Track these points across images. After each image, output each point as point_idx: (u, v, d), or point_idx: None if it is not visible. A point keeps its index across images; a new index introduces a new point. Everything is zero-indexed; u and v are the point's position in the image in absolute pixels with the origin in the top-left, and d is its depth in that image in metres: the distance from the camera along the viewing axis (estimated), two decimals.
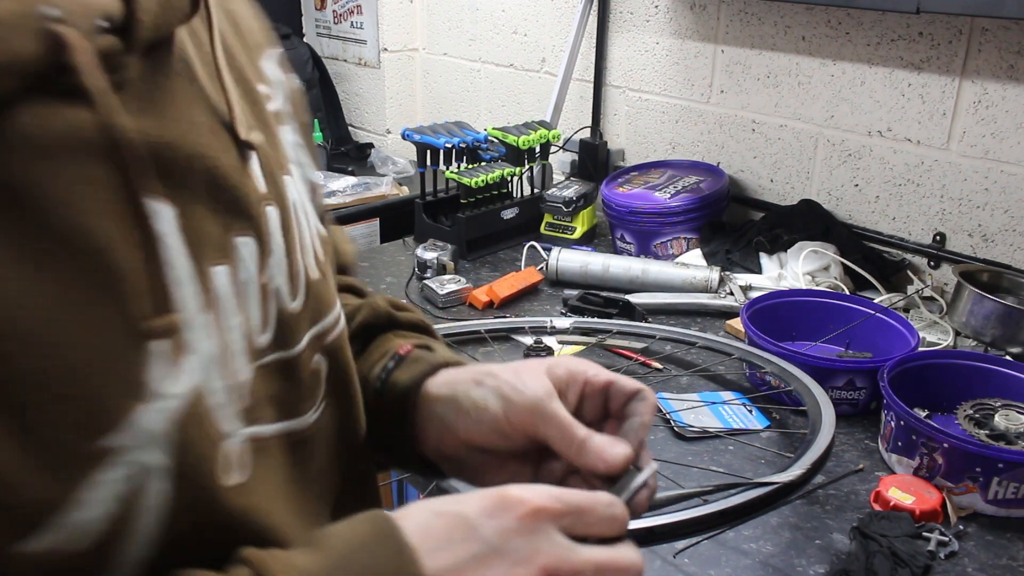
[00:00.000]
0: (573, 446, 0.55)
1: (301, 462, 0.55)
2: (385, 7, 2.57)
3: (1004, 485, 1.05)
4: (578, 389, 0.59)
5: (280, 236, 0.52)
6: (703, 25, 1.90)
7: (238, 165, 0.50)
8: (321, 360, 0.56)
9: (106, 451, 0.40)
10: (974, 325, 1.37)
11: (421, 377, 0.63)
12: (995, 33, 1.47)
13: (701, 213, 1.80)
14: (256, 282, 0.50)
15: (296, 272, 0.53)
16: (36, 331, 0.38)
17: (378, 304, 0.71)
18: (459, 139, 1.92)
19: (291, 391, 0.53)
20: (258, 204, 0.51)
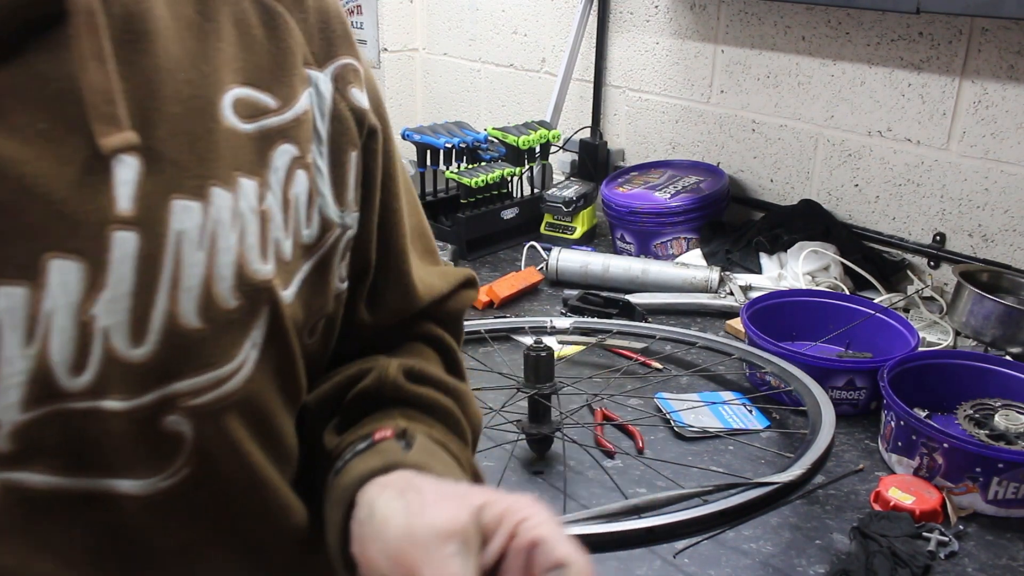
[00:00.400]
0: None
1: (130, 527, 0.49)
2: (385, 7, 2.57)
3: (1004, 485, 1.05)
4: (503, 542, 0.47)
5: (131, 269, 0.45)
6: (703, 25, 1.90)
7: (78, 179, 0.44)
8: (181, 422, 0.48)
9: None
10: (974, 325, 1.37)
11: (370, 474, 0.53)
12: (995, 33, 1.48)
13: (701, 213, 1.80)
14: (73, 315, 0.43)
15: (147, 315, 0.46)
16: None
17: (387, 372, 0.61)
18: (459, 139, 1.92)
19: (113, 447, 0.46)
20: (101, 226, 0.44)
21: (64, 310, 0.43)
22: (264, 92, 0.52)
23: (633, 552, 0.98)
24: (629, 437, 1.24)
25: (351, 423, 0.61)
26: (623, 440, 1.23)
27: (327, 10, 0.57)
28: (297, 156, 0.53)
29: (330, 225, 0.56)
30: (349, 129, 0.57)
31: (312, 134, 0.55)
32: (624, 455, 1.18)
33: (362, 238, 0.60)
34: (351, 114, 0.57)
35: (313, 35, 0.56)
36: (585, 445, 1.17)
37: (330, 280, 0.58)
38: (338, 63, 0.57)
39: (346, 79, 0.57)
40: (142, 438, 0.47)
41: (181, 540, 0.52)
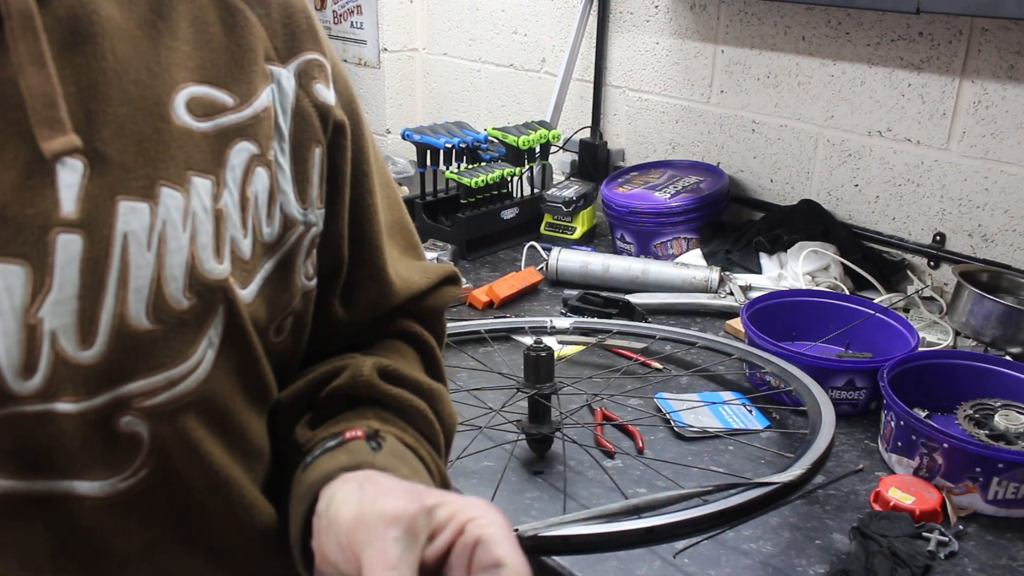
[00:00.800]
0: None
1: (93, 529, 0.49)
2: (385, 7, 2.57)
3: (1004, 485, 1.05)
4: (449, 537, 0.47)
5: (76, 271, 0.45)
6: (703, 25, 1.90)
7: (20, 182, 0.43)
8: (136, 423, 0.48)
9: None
10: (974, 325, 1.37)
11: (337, 471, 0.53)
12: (995, 33, 1.47)
13: (701, 213, 1.80)
14: (18, 318, 0.43)
15: (94, 317, 0.46)
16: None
17: (362, 371, 0.61)
18: (459, 139, 1.92)
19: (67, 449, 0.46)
20: (44, 229, 0.44)
21: (9, 314, 0.43)
22: (221, 90, 0.52)
23: (633, 552, 0.98)
24: (629, 437, 1.24)
25: (324, 420, 0.61)
26: (623, 440, 1.23)
27: (291, 5, 0.57)
28: (256, 154, 0.53)
29: (292, 223, 0.56)
30: (312, 125, 0.56)
31: (273, 131, 0.54)
32: (624, 455, 1.18)
33: (332, 235, 0.60)
34: (315, 110, 0.57)
35: (276, 31, 0.56)
36: (585, 445, 1.17)
37: (294, 278, 0.58)
38: (302, 59, 0.56)
39: (310, 75, 0.56)
40: (97, 439, 0.47)
41: (143, 541, 0.51)
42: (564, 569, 0.96)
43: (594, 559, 0.98)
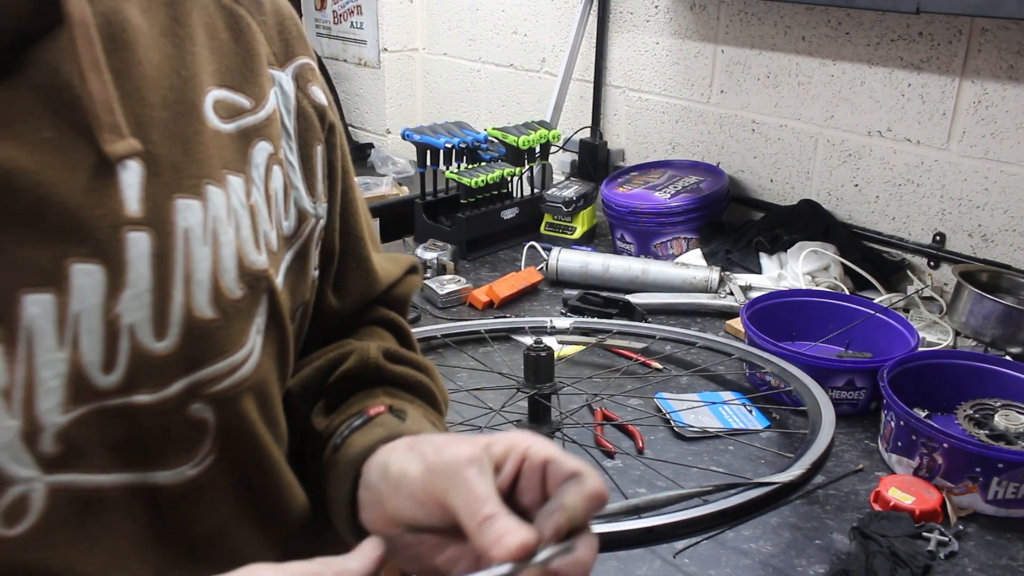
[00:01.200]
0: (476, 520, 0.45)
1: (173, 519, 0.51)
2: (385, 7, 2.57)
3: (1004, 485, 1.05)
4: (515, 464, 0.49)
5: (147, 267, 0.47)
6: (703, 25, 1.90)
7: (89, 184, 0.45)
8: (204, 410, 0.51)
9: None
10: (974, 325, 1.37)
11: (376, 443, 0.55)
12: (995, 33, 1.48)
13: (701, 213, 1.80)
14: (99, 315, 0.45)
15: (167, 309, 0.48)
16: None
17: (368, 353, 0.64)
18: (459, 139, 1.92)
19: (149, 440, 0.48)
20: (115, 228, 0.46)
21: (90, 312, 0.45)
22: (238, 93, 0.55)
23: (633, 552, 0.98)
24: (629, 437, 1.24)
25: (337, 404, 0.64)
26: (623, 440, 1.23)
27: (282, 12, 0.61)
28: (272, 153, 0.56)
29: (305, 216, 0.60)
30: (313, 125, 0.60)
31: (281, 131, 0.57)
32: (624, 455, 1.18)
33: (328, 227, 0.64)
34: (314, 110, 0.60)
35: (273, 37, 0.59)
36: (585, 445, 1.17)
37: (309, 268, 0.61)
38: (297, 63, 0.60)
39: (306, 77, 0.60)
40: (172, 429, 0.49)
41: (211, 526, 0.54)
42: None
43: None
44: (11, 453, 0.43)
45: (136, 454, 0.48)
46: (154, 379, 0.48)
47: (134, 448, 0.48)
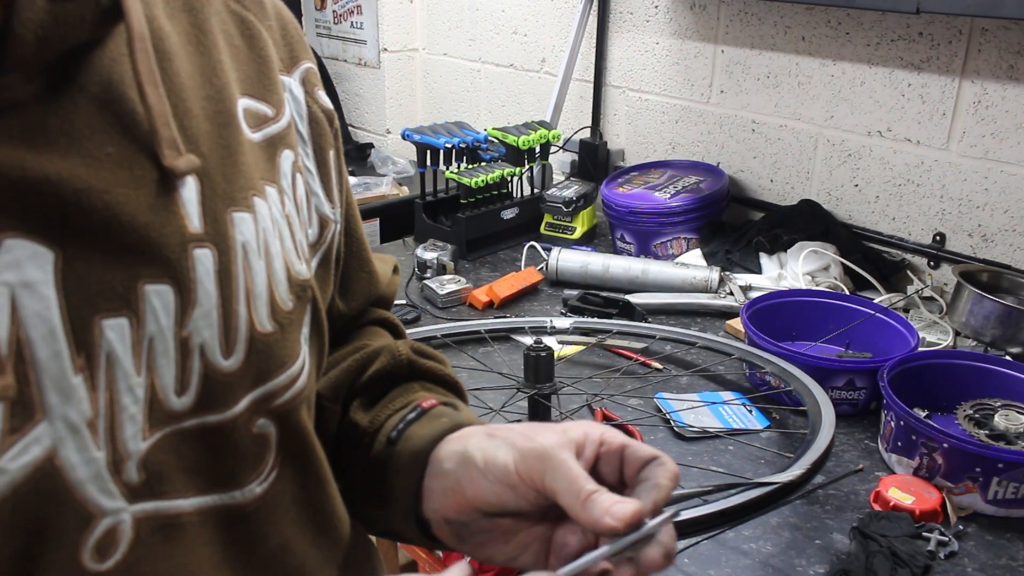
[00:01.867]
0: (580, 498, 0.48)
1: (244, 538, 0.50)
2: (385, 7, 2.57)
3: (1004, 485, 1.05)
4: (594, 449, 0.52)
5: (213, 284, 0.46)
6: (703, 25, 1.90)
7: (153, 202, 0.44)
8: (268, 424, 0.50)
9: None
10: (974, 325, 1.37)
11: (442, 433, 0.57)
12: (995, 33, 1.48)
13: (701, 213, 1.80)
14: (171, 337, 0.44)
15: (234, 326, 0.47)
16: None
17: (399, 351, 0.65)
18: (459, 139, 1.92)
19: (222, 460, 0.48)
20: (182, 247, 0.45)
21: (163, 333, 0.44)
22: (261, 101, 0.54)
23: None
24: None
25: (375, 401, 0.65)
26: None
27: (283, 15, 0.60)
28: (294, 160, 0.55)
29: (327, 222, 0.59)
30: (325, 130, 0.59)
31: (297, 138, 0.56)
32: None
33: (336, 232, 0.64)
34: (324, 115, 0.60)
35: (278, 41, 0.58)
36: None
37: (331, 274, 0.61)
38: (302, 67, 0.59)
39: (312, 82, 0.59)
40: (240, 447, 0.49)
41: (277, 544, 0.53)
42: None
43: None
44: (99, 485, 0.42)
45: (210, 475, 0.47)
46: (224, 398, 0.47)
47: (208, 469, 0.47)
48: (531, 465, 0.50)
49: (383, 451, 0.59)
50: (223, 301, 0.46)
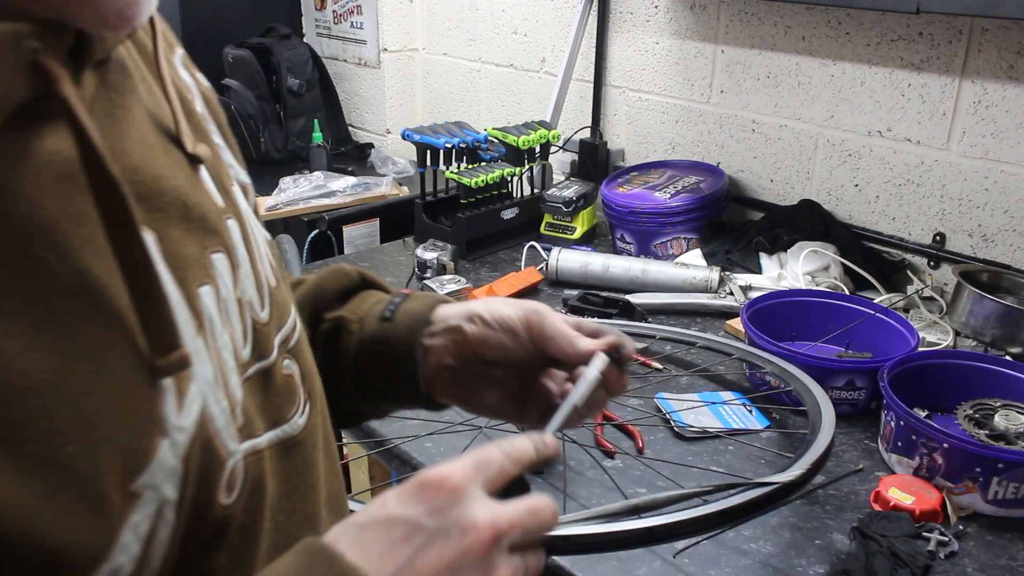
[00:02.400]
0: (569, 339, 0.66)
1: (298, 468, 0.54)
2: (385, 7, 2.57)
3: (1004, 485, 1.05)
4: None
5: (243, 248, 0.51)
6: (703, 25, 1.90)
7: (193, 183, 0.48)
8: (291, 364, 0.56)
9: (138, 492, 0.40)
10: (974, 325, 1.37)
11: (436, 302, 0.69)
12: (995, 33, 1.47)
13: (701, 213, 1.80)
14: (233, 297, 0.49)
15: (261, 282, 0.53)
16: (50, 384, 0.36)
17: (347, 270, 0.75)
18: (459, 139, 1.92)
19: (273, 399, 0.52)
20: (220, 218, 0.50)
21: (229, 295, 0.49)
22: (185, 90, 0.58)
23: (633, 552, 0.98)
24: (629, 437, 1.24)
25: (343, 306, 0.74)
26: (623, 440, 1.23)
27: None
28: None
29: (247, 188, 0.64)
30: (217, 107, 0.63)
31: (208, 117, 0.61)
32: (624, 455, 1.18)
33: None
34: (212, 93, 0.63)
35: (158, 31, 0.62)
36: (585, 445, 1.17)
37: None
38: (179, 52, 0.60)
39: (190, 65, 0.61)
40: (280, 385, 0.54)
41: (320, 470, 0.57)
42: (564, 569, 0.97)
43: (594, 559, 0.98)
44: (228, 431, 0.46)
45: (268, 414, 0.52)
46: (266, 345, 0.52)
47: (266, 409, 0.51)
48: (530, 318, 0.66)
49: (376, 329, 0.69)
50: (252, 262, 0.52)
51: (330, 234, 2.15)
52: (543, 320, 0.66)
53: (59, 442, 0.36)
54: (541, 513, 0.51)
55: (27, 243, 0.37)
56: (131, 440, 0.39)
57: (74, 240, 0.38)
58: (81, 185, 0.39)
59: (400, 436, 1.21)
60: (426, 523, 0.47)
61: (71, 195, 0.39)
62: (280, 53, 2.57)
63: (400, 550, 0.46)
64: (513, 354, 0.67)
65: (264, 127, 2.57)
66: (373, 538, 0.46)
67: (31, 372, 0.36)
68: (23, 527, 0.35)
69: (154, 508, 0.40)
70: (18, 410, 0.35)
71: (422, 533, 0.46)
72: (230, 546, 0.46)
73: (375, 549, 0.46)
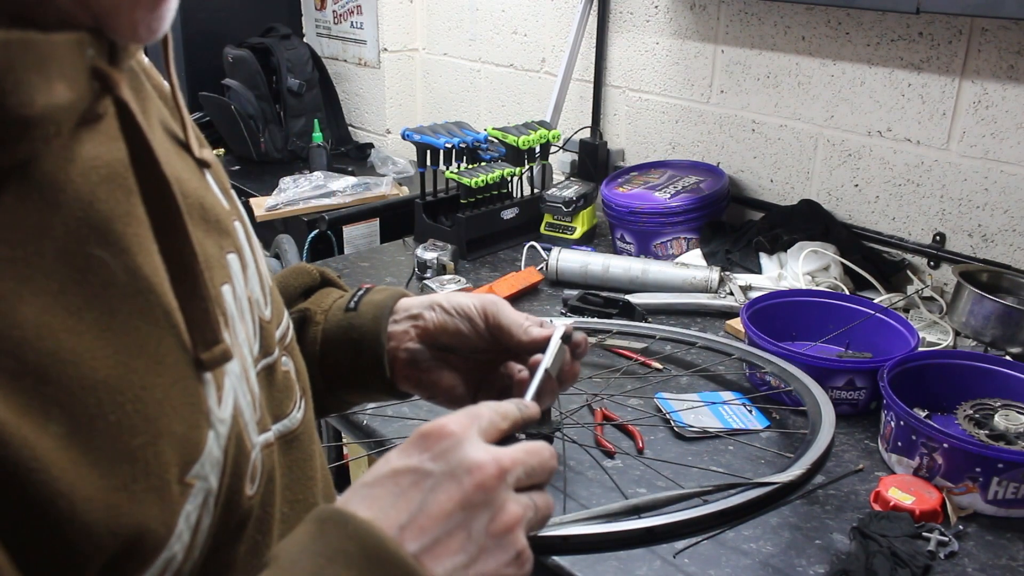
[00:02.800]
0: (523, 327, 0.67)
1: (298, 461, 0.56)
2: (385, 7, 2.57)
3: (1004, 485, 1.05)
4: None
5: (248, 248, 0.53)
6: (703, 25, 1.90)
7: (204, 185, 0.50)
8: (288, 361, 0.57)
9: (191, 482, 0.41)
10: (974, 325, 1.37)
11: (398, 294, 0.72)
12: (995, 33, 1.47)
13: (701, 213, 1.80)
14: (245, 296, 0.51)
15: (264, 281, 0.55)
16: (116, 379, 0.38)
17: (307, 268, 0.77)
18: (459, 139, 1.92)
19: (275, 395, 0.54)
20: (229, 220, 0.51)
21: (242, 293, 0.50)
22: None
23: (633, 552, 0.98)
24: (629, 437, 1.24)
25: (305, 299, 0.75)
26: (623, 440, 1.23)
27: None
28: None
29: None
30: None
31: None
32: (624, 455, 1.18)
33: None
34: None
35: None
36: (585, 445, 1.17)
37: None
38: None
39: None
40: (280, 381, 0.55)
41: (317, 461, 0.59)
42: (564, 569, 0.97)
43: (594, 559, 0.98)
44: (252, 423, 0.48)
45: (273, 408, 0.53)
46: (270, 341, 0.54)
47: (271, 404, 0.53)
48: (487, 307, 0.69)
49: (342, 319, 0.71)
50: (255, 261, 0.54)
51: (330, 234, 2.15)
52: (499, 310, 0.68)
53: (128, 435, 0.38)
54: (539, 453, 0.52)
55: (84, 242, 0.38)
56: (186, 432, 0.41)
57: (125, 239, 0.40)
58: (126, 187, 0.41)
59: (400, 436, 1.21)
60: (432, 468, 0.47)
61: (117, 196, 0.40)
62: (280, 53, 2.57)
63: (411, 496, 0.47)
64: (470, 341, 0.69)
65: (264, 127, 2.57)
66: (382, 492, 0.47)
67: (99, 368, 0.37)
68: (102, 517, 0.36)
69: (202, 498, 0.42)
70: (91, 404, 0.37)
71: (430, 478, 0.47)
72: (248, 537, 0.47)
73: (386, 500, 0.46)
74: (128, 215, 0.41)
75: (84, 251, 0.38)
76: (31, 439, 0.34)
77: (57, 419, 0.35)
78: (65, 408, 0.36)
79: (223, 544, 0.45)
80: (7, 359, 0.34)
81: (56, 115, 0.36)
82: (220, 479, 0.43)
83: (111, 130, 0.41)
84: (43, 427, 0.35)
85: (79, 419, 0.36)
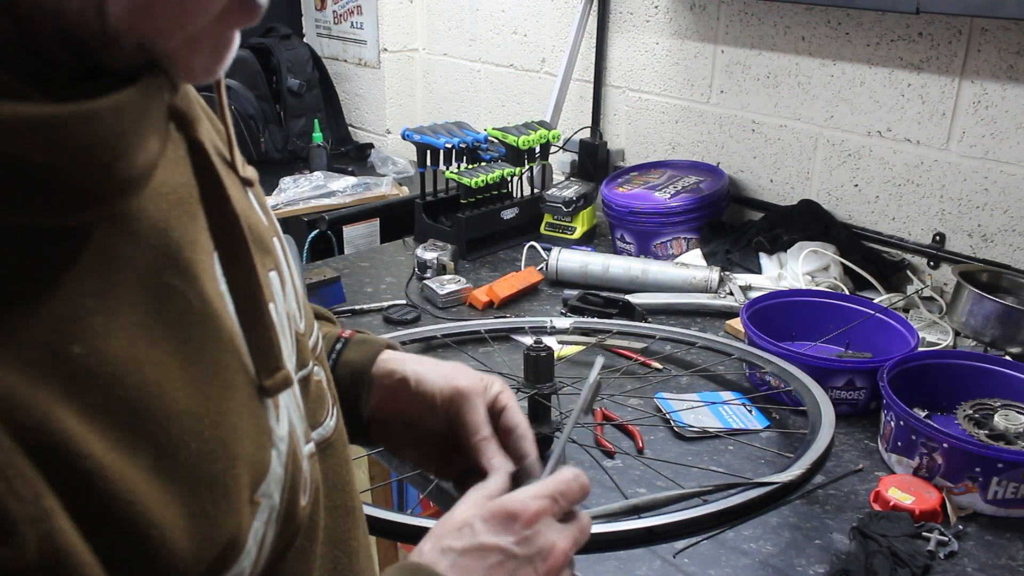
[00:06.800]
0: (476, 438, 0.65)
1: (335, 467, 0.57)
2: (385, 7, 2.57)
3: (1004, 485, 1.05)
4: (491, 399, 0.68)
5: (286, 265, 0.54)
6: (703, 25, 1.90)
7: (248, 203, 0.51)
8: (320, 371, 0.58)
9: (259, 501, 0.43)
10: (974, 325, 1.37)
11: (375, 355, 0.70)
12: (995, 33, 1.48)
13: (701, 213, 1.80)
14: (284, 312, 0.52)
15: (299, 294, 0.56)
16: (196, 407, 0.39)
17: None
18: (459, 139, 1.92)
19: (311, 405, 0.55)
20: (270, 238, 0.52)
21: (283, 310, 0.51)
22: None
23: (633, 552, 0.98)
24: (629, 437, 1.24)
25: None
26: (623, 440, 1.23)
27: None
28: None
29: None
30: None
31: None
32: (624, 455, 1.18)
33: None
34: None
35: None
36: (585, 445, 1.17)
37: None
38: None
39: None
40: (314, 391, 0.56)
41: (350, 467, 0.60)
42: None
43: (594, 559, 0.98)
44: (301, 437, 0.50)
45: (311, 418, 0.54)
46: (305, 354, 0.55)
47: (309, 413, 0.54)
48: (451, 400, 0.66)
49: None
50: (291, 277, 0.55)
51: (330, 234, 2.15)
52: (464, 406, 0.65)
53: (209, 461, 0.39)
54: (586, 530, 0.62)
55: (161, 272, 0.39)
56: (255, 453, 0.43)
57: (194, 266, 0.41)
58: (191, 213, 0.41)
59: None
60: (517, 552, 0.55)
61: (185, 223, 0.41)
62: (280, 53, 2.57)
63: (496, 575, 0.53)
64: (430, 424, 0.69)
65: (264, 127, 2.57)
66: (471, 564, 0.53)
67: (180, 399, 0.38)
68: (188, 544, 0.37)
69: (267, 515, 0.44)
70: (175, 434, 0.38)
71: (514, 560, 0.54)
72: (298, 546, 0.49)
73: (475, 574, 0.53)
74: (195, 243, 0.41)
75: (161, 280, 0.39)
76: (127, 473, 0.35)
77: (145, 451, 0.36)
78: (152, 440, 0.37)
79: (280, 555, 0.47)
80: (102, 396, 0.35)
81: (151, 169, 0.37)
82: (281, 495, 0.45)
83: (172, 153, 0.42)
84: (133, 460, 0.35)
85: (165, 449, 0.37)
